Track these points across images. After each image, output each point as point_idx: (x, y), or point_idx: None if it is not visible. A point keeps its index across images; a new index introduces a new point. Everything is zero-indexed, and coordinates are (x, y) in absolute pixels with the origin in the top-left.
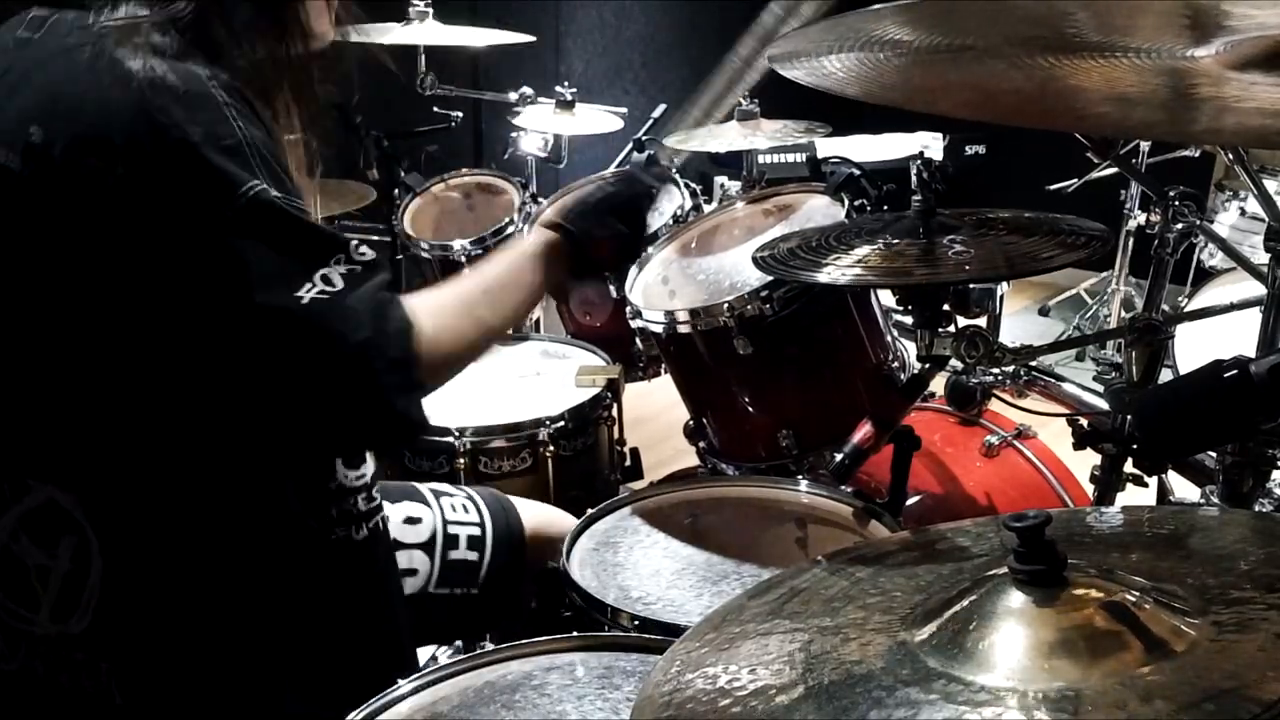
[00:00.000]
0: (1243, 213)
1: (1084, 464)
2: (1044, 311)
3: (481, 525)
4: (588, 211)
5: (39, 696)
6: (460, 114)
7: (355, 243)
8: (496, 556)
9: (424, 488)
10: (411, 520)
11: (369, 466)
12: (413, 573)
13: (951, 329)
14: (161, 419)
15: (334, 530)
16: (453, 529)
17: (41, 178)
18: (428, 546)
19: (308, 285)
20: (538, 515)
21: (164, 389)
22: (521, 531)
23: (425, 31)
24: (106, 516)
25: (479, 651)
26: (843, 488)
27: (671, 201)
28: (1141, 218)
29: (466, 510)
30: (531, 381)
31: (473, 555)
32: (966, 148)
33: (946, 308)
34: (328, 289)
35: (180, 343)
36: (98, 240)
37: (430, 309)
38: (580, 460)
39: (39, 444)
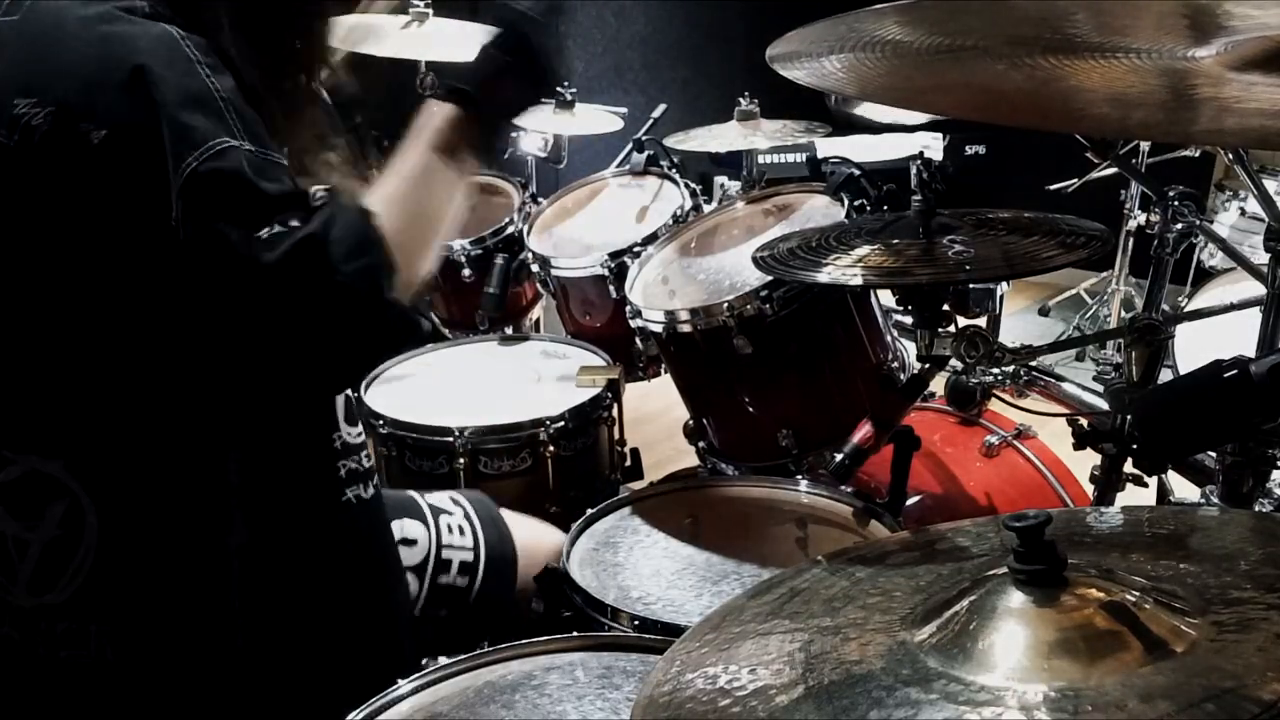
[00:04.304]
0: (1243, 213)
1: (1084, 464)
2: (1044, 311)
3: (475, 550)
4: (480, 69)
5: (17, 664)
6: None
7: (309, 190)
8: (487, 581)
9: (424, 502)
10: (407, 542)
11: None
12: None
13: (951, 329)
14: (149, 377)
15: (344, 490)
16: (446, 553)
17: (27, 148)
18: (419, 569)
19: (265, 230)
20: (529, 532)
21: (150, 346)
22: (514, 553)
23: (423, 42)
24: (98, 478)
25: (479, 651)
26: (843, 488)
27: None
28: (1141, 218)
29: (462, 533)
30: (531, 381)
31: (463, 581)
32: (966, 148)
33: (946, 308)
34: (281, 228)
35: (160, 295)
36: (81, 204)
37: (376, 197)
38: (580, 460)
39: (17, 415)
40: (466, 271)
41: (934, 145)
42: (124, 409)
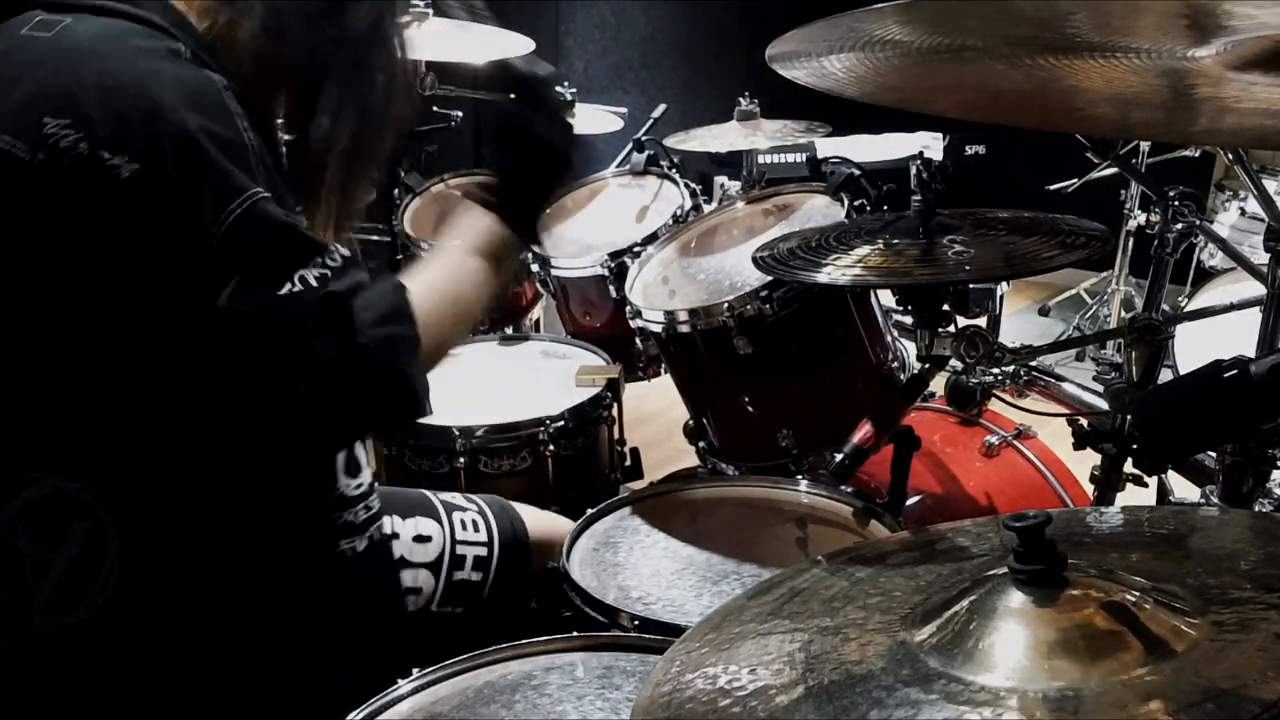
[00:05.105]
0: (1243, 213)
1: (1084, 464)
2: (1044, 311)
3: (489, 545)
4: (491, 179)
5: (28, 686)
6: (460, 114)
7: (331, 247)
8: (501, 576)
9: (437, 501)
10: (421, 539)
11: (366, 475)
12: (416, 591)
13: (951, 329)
14: (164, 409)
15: (339, 542)
16: (461, 549)
17: (53, 169)
18: (434, 566)
19: (287, 285)
20: (541, 523)
21: (162, 380)
22: (528, 548)
23: (424, 41)
24: (120, 499)
25: (479, 651)
26: (843, 488)
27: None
28: (1141, 218)
29: (477, 528)
30: (531, 381)
31: (477, 576)
32: (966, 148)
33: (946, 308)
34: (303, 287)
35: (172, 337)
36: (102, 233)
37: (412, 277)
38: (580, 460)
39: (41, 435)
40: None
41: (934, 145)
42: (144, 433)
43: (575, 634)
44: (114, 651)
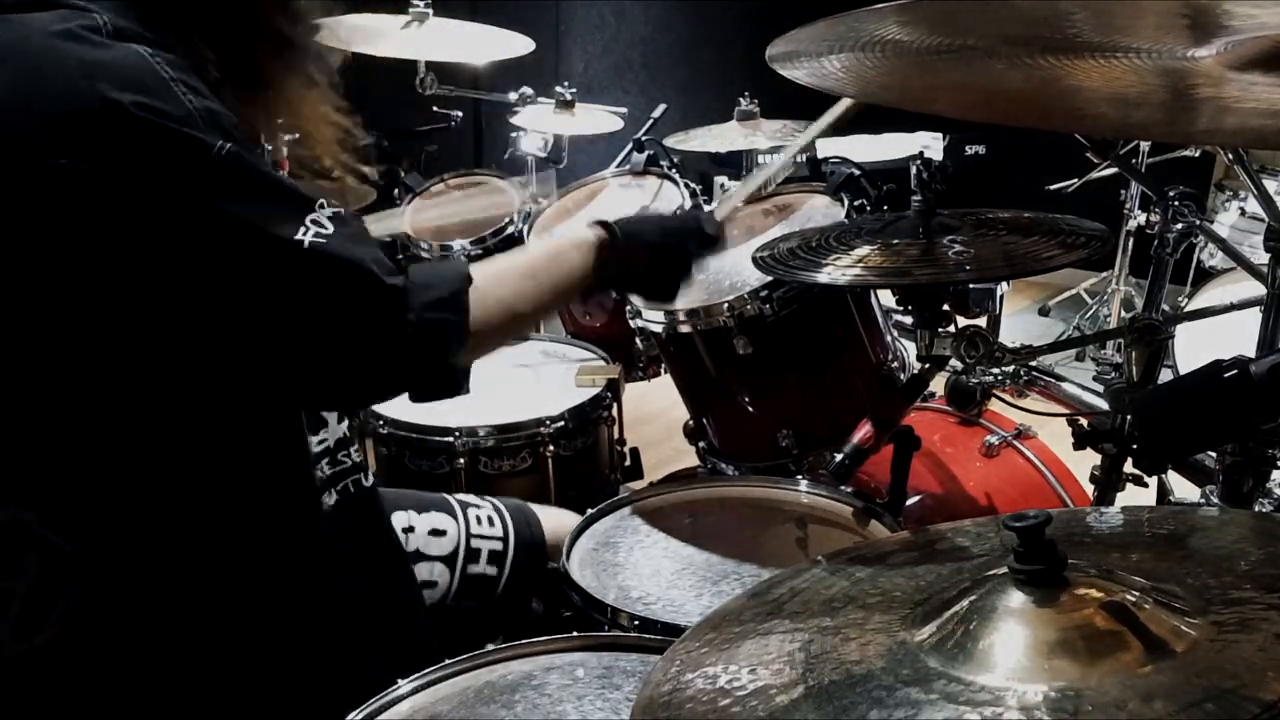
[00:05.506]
0: (1243, 213)
1: (1084, 464)
2: (1044, 311)
3: (505, 540)
4: (637, 220)
5: (12, 709)
6: (460, 114)
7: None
8: (515, 571)
9: (452, 498)
10: (437, 532)
11: (332, 430)
12: (432, 585)
13: (951, 329)
14: (135, 423)
15: (331, 490)
16: (475, 543)
17: (7, 179)
18: (449, 559)
19: (302, 229)
20: (554, 521)
21: (147, 382)
22: (543, 545)
23: (424, 41)
24: (75, 526)
25: (479, 651)
26: (843, 488)
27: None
28: (1141, 218)
29: (492, 524)
30: (531, 381)
31: (492, 570)
32: (966, 148)
33: (946, 308)
34: (323, 231)
35: (176, 316)
36: (73, 234)
37: (483, 269)
38: (580, 460)
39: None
40: None
41: (934, 145)
42: (99, 456)
43: (575, 634)
44: (83, 673)
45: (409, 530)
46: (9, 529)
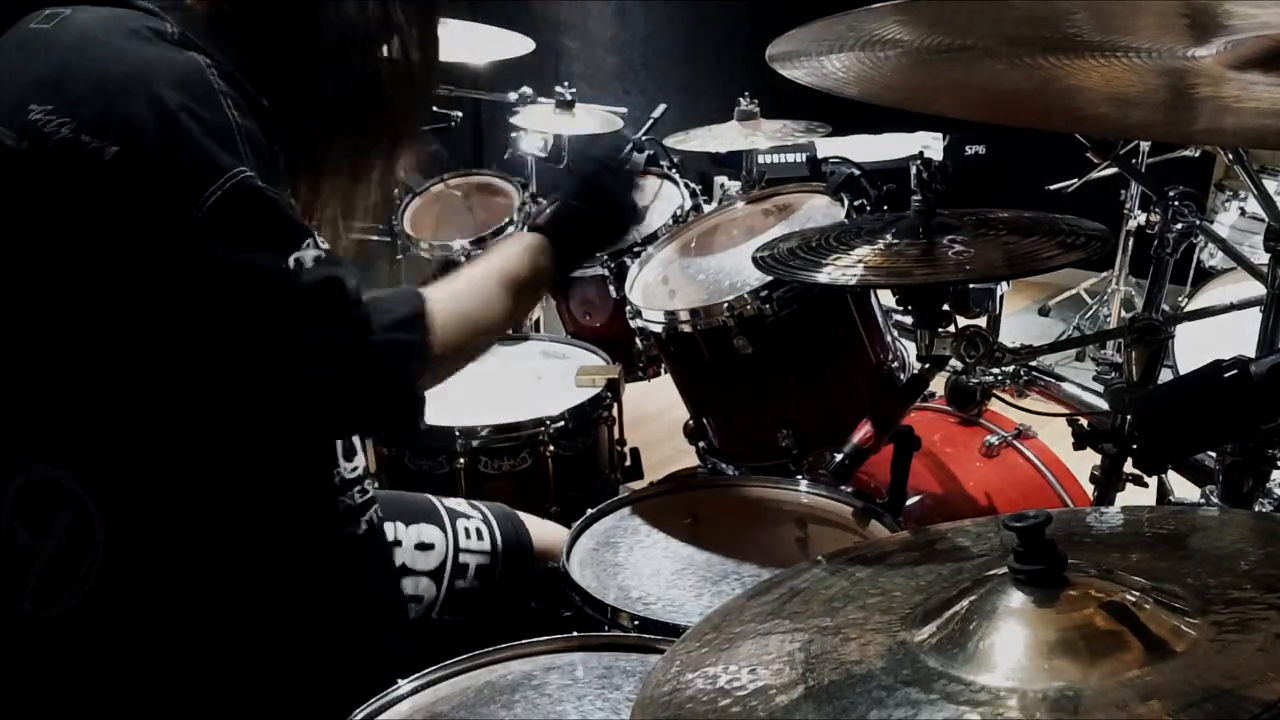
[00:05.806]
0: (1243, 213)
1: (1084, 464)
2: (1044, 311)
3: (492, 554)
4: (557, 208)
5: (24, 674)
6: (460, 114)
7: (317, 237)
8: (503, 585)
9: (441, 507)
10: (424, 546)
11: (360, 459)
12: (418, 599)
13: (951, 329)
14: (157, 396)
15: (343, 526)
16: (464, 558)
17: (38, 155)
18: (436, 574)
19: (283, 265)
20: (546, 534)
21: (157, 358)
22: (532, 557)
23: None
24: (106, 487)
25: (479, 651)
26: (843, 488)
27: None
28: (1141, 218)
29: (480, 537)
30: (531, 381)
31: (478, 585)
32: (966, 148)
33: (946, 308)
34: (302, 262)
35: (169, 319)
36: (89, 217)
37: (438, 290)
38: (580, 460)
39: (30, 422)
40: None
41: (934, 145)
42: (132, 418)
43: (575, 634)
44: (98, 646)
45: (396, 544)
46: (40, 487)
